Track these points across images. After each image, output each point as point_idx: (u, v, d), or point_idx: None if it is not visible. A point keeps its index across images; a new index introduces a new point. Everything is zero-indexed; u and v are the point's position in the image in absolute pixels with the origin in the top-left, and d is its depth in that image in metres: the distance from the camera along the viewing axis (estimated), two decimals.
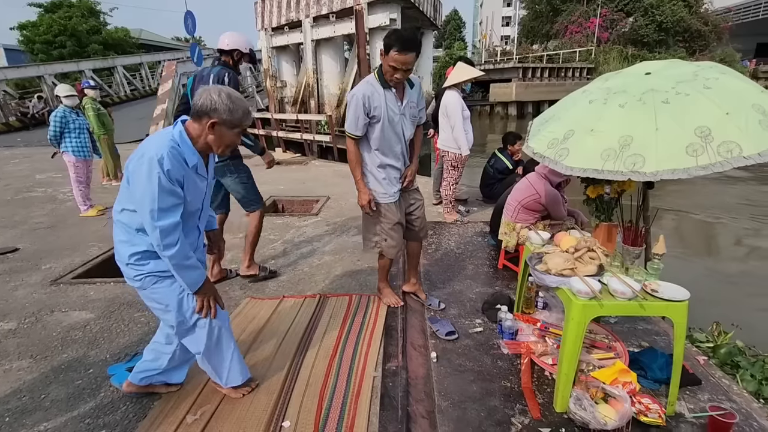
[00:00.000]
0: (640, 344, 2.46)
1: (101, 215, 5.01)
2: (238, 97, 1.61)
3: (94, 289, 3.13)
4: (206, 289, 1.72)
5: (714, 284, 4.75)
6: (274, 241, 4.08)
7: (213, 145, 1.63)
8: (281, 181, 6.92)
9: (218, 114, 1.55)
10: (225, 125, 1.58)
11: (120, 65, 23.44)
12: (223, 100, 1.55)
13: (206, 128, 1.58)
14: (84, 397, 1.98)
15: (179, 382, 2.02)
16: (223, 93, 1.57)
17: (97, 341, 2.46)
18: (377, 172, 2.45)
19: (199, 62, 13.07)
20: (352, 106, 2.31)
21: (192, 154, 1.60)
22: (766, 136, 1.66)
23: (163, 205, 1.52)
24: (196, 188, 1.67)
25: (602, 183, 2.49)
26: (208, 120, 1.56)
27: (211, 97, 1.55)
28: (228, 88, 1.64)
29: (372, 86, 2.32)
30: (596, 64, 24.34)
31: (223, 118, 1.56)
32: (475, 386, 2.13)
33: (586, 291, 1.79)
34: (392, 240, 2.52)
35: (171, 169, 1.51)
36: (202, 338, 1.78)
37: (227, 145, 1.65)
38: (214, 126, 1.57)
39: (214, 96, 1.55)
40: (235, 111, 1.57)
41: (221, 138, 1.61)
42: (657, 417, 1.83)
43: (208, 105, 1.55)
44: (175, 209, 1.56)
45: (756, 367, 2.53)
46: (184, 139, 1.59)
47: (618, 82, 2.13)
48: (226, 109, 1.56)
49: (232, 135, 1.63)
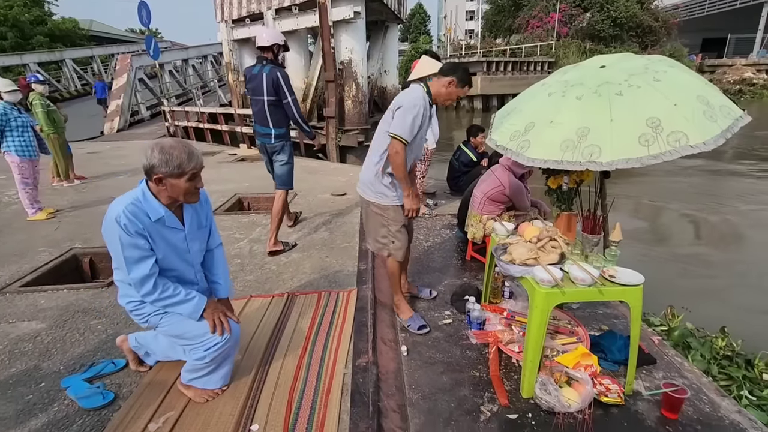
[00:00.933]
0: (600, 328, 2.56)
1: (51, 218, 4.71)
2: (171, 145, 1.62)
3: (44, 297, 2.94)
4: (210, 310, 1.83)
5: (666, 268, 5.03)
6: (240, 240, 3.97)
7: (173, 198, 1.68)
8: (246, 178, 6.74)
9: (158, 169, 1.59)
10: (170, 177, 1.61)
11: (69, 58, 22.09)
12: (156, 155, 1.59)
13: (157, 185, 1.64)
14: (35, 413, 1.86)
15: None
16: (155, 148, 1.60)
17: (50, 352, 2.31)
18: (387, 177, 2.47)
19: (155, 55, 12.50)
20: (413, 113, 2.32)
21: (156, 209, 1.67)
22: (710, 126, 1.75)
23: (130, 258, 1.63)
24: (168, 242, 1.73)
25: (562, 173, 2.56)
26: (154, 177, 1.62)
27: (147, 155, 1.61)
28: (164, 140, 1.66)
29: (425, 100, 2.40)
30: (556, 58, 25.08)
31: (163, 171, 1.59)
32: (445, 377, 2.15)
33: (548, 279, 1.84)
34: (399, 242, 2.52)
35: (128, 224, 1.60)
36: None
37: (185, 193, 1.67)
38: (161, 180, 1.62)
39: (148, 154, 1.61)
40: (171, 160, 1.59)
41: (174, 189, 1.65)
42: (616, 397, 1.92)
43: (146, 164, 1.61)
44: (143, 261, 1.65)
45: (705, 347, 2.69)
46: (147, 195, 1.67)
47: (575, 75, 2.19)
48: (162, 162, 1.59)
49: (184, 183, 1.64)
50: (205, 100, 15.85)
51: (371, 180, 2.47)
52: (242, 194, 5.65)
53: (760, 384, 2.39)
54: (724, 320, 2.99)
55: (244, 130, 10.85)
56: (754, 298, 4.22)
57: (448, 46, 30.85)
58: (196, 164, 1.65)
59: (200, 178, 1.71)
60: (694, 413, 1.90)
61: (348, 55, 9.76)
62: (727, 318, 3.11)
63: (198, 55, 21.21)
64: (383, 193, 2.46)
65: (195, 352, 1.82)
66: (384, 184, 2.45)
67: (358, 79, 9.90)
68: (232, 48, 12.49)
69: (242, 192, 5.74)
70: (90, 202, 5.40)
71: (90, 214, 4.83)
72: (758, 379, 2.41)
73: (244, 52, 12.78)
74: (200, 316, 1.81)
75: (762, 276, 4.79)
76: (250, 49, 12.80)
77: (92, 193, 5.89)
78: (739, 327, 3.01)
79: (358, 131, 9.60)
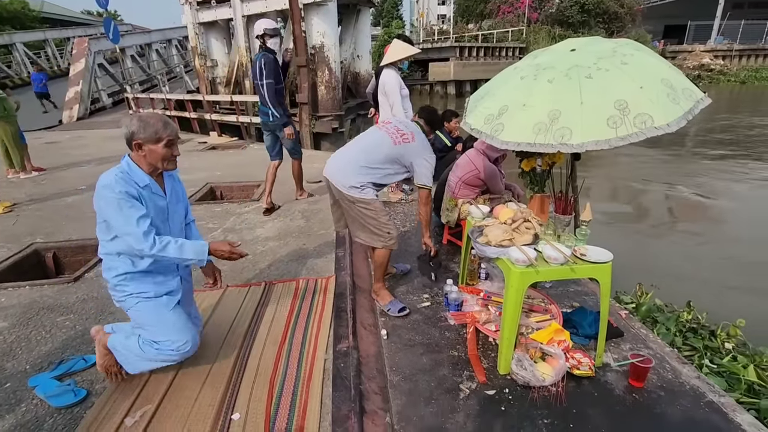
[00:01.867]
0: (572, 305, 2.66)
1: (9, 212, 4.46)
2: (149, 115, 1.84)
3: (5, 294, 2.80)
4: (218, 252, 1.95)
5: (636, 246, 5.26)
6: (214, 230, 3.88)
7: (153, 164, 1.82)
8: (218, 166, 6.56)
9: (137, 135, 1.76)
10: (148, 142, 1.77)
11: (20, 42, 20.68)
12: (134, 123, 1.77)
13: (137, 151, 1.79)
14: (1, 415, 1.79)
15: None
16: (134, 118, 1.79)
17: (14, 352, 2.21)
18: (380, 188, 2.56)
19: (115, 39, 11.86)
20: (432, 155, 2.53)
21: (142, 176, 1.81)
22: (673, 108, 1.82)
23: (132, 216, 1.71)
24: (156, 207, 1.86)
25: (535, 156, 2.62)
26: (134, 143, 1.77)
27: (126, 125, 1.79)
28: (140, 112, 1.81)
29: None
30: (527, 43, 25.37)
31: (141, 136, 1.76)
32: (425, 358, 2.20)
33: (523, 259, 1.89)
34: (393, 231, 2.52)
35: (123, 189, 1.72)
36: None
37: (163, 158, 1.82)
38: (140, 146, 1.78)
39: (128, 123, 1.79)
40: (148, 127, 1.76)
41: (152, 154, 1.80)
42: (588, 369, 2.01)
43: (126, 133, 1.77)
44: (144, 218, 1.75)
45: (671, 321, 2.84)
46: (131, 165, 1.81)
47: (546, 59, 2.22)
48: (140, 128, 1.76)
49: (161, 149, 1.80)
50: (171, 86, 15.21)
51: (360, 181, 2.41)
52: (214, 183, 5.50)
53: (721, 353, 2.55)
54: (691, 296, 3.15)
55: (213, 117, 10.52)
56: (719, 273, 4.48)
57: (420, 31, 30.66)
58: (171, 132, 1.82)
59: (176, 146, 1.87)
60: (658, 381, 2.02)
61: (320, 39, 9.54)
62: (693, 293, 3.28)
63: (162, 39, 20.24)
64: (369, 192, 2.44)
65: (148, 347, 1.87)
66: (373, 189, 2.46)
67: (331, 64, 9.73)
68: (197, 31, 11.99)
69: (214, 181, 5.59)
70: (51, 194, 5.13)
71: (51, 207, 4.59)
72: (720, 348, 2.57)
73: (210, 35, 12.29)
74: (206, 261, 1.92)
75: (726, 251, 5.08)
76: (217, 32, 12.33)
77: (53, 185, 5.60)
78: (704, 301, 3.18)
79: (332, 117, 9.47)
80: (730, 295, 3.90)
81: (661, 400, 1.90)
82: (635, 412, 1.84)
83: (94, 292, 2.77)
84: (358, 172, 2.42)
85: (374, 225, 2.45)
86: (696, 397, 1.92)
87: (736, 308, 2.89)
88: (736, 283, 4.19)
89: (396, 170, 2.52)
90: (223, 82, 12.39)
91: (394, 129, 2.51)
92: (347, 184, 2.42)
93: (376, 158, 2.45)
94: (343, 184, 2.43)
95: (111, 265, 1.86)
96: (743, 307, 2.95)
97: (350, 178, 2.42)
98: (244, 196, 5.27)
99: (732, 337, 2.67)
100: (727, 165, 9.27)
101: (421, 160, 2.47)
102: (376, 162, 2.45)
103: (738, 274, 4.41)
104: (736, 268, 4.57)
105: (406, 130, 2.51)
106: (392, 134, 2.48)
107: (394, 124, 2.57)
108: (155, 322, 1.86)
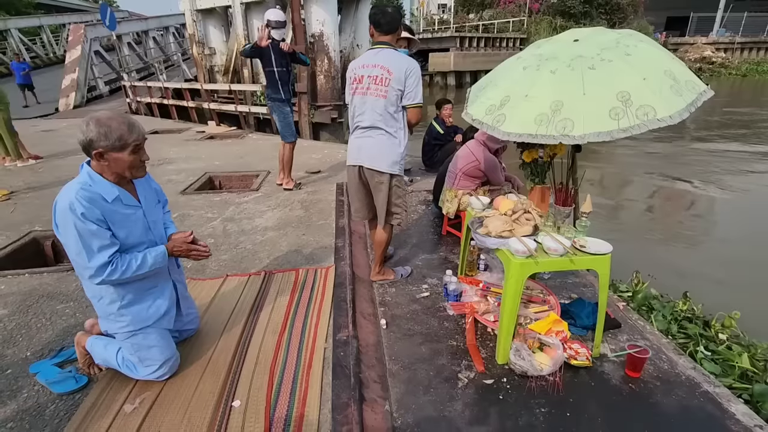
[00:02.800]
0: (570, 296, 2.68)
1: (6, 200, 4.44)
2: (109, 117, 1.54)
3: (4, 282, 2.80)
4: (175, 251, 1.81)
5: (634, 238, 5.27)
6: (213, 219, 3.88)
7: (119, 173, 1.60)
8: (217, 156, 6.53)
9: (97, 143, 1.51)
10: (112, 151, 1.53)
11: (14, 28, 20.39)
12: (92, 128, 1.50)
13: (98, 161, 1.55)
14: (3, 400, 1.80)
15: None
16: (91, 122, 1.51)
17: (14, 339, 2.22)
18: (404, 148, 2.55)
19: (112, 26, 11.72)
20: (419, 78, 2.40)
21: (109, 189, 1.59)
22: (676, 100, 1.81)
23: (89, 248, 1.53)
24: (128, 220, 1.66)
25: (537, 147, 2.61)
26: (94, 153, 1.53)
27: (82, 130, 1.51)
28: (99, 113, 1.56)
29: None
30: (528, 34, 25.12)
31: (103, 145, 1.51)
32: (423, 348, 2.21)
33: (523, 250, 1.90)
34: (407, 211, 2.73)
35: (85, 212, 1.50)
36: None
37: (130, 167, 1.60)
38: (102, 155, 1.53)
39: (83, 128, 1.51)
40: (110, 133, 1.51)
41: (117, 163, 1.57)
42: (585, 359, 2.03)
43: (83, 140, 1.51)
44: (103, 250, 1.56)
45: (667, 309, 2.86)
46: (95, 177, 1.57)
47: (549, 49, 2.20)
48: (101, 135, 1.50)
49: (127, 156, 1.57)
50: (168, 74, 15.04)
51: (391, 153, 2.47)
52: (213, 173, 5.48)
53: (715, 342, 2.58)
54: (687, 288, 3.16)
55: (211, 106, 10.44)
56: (717, 267, 4.48)
57: (421, 20, 30.31)
58: (138, 135, 1.58)
59: (144, 150, 1.64)
60: (654, 371, 2.04)
61: (319, 27, 9.43)
62: (690, 285, 3.29)
63: (159, 26, 19.99)
64: (400, 163, 2.54)
65: (126, 367, 1.85)
66: (401, 155, 2.52)
67: (330, 54, 9.63)
68: (195, 19, 11.83)
69: (213, 170, 5.57)
70: (48, 182, 5.10)
71: (49, 195, 4.57)
72: (714, 338, 2.60)
73: (208, 23, 12.13)
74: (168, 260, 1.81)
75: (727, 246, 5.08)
76: (215, 19, 12.17)
77: (50, 174, 5.57)
78: (701, 294, 3.19)
79: (331, 107, 9.40)
80: (727, 289, 3.91)
81: (657, 390, 1.92)
82: (631, 401, 1.87)
83: None
84: (392, 145, 2.47)
85: (391, 202, 2.59)
86: (691, 387, 1.95)
87: (732, 302, 2.90)
88: (734, 278, 4.21)
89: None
90: (221, 70, 12.26)
91: (374, 86, 2.39)
92: (382, 160, 2.48)
93: (390, 117, 2.43)
94: (376, 163, 2.49)
95: (97, 292, 1.70)
96: (739, 302, 2.96)
97: (383, 151, 2.48)
98: (243, 185, 5.25)
99: (726, 328, 2.70)
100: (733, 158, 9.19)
101: (415, 81, 2.38)
102: (393, 121, 2.44)
103: (736, 269, 4.42)
104: (735, 263, 4.58)
105: (380, 73, 2.36)
106: (378, 93, 2.40)
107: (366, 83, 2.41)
108: (142, 353, 1.80)
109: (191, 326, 2.15)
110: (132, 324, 1.76)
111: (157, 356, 1.83)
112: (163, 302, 1.86)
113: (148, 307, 1.80)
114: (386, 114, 2.41)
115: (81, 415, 1.69)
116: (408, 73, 2.35)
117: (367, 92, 2.41)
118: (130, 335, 1.78)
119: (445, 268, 2.75)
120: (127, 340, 1.79)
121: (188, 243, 1.85)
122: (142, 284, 1.78)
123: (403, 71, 2.34)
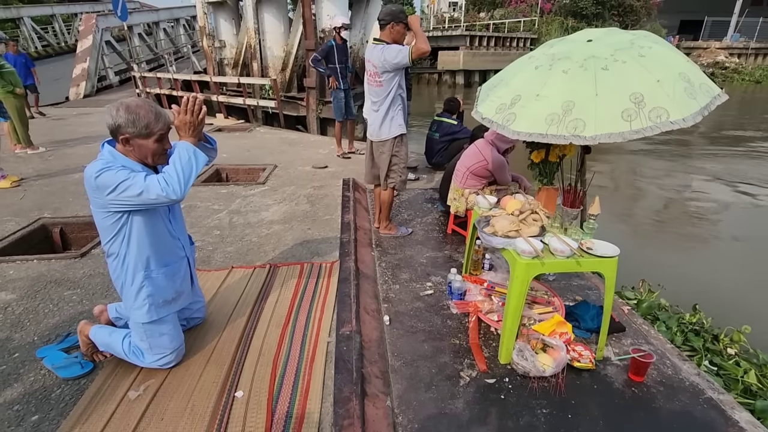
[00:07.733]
0: (574, 298, 2.67)
1: (16, 186, 4.48)
2: (138, 104, 1.57)
3: (13, 267, 2.83)
4: (183, 127, 1.66)
5: (645, 243, 5.16)
6: (219, 212, 3.89)
7: (142, 159, 1.64)
8: (224, 148, 6.51)
9: (124, 129, 1.55)
10: (138, 137, 1.58)
11: (27, 16, 20.51)
12: (122, 114, 1.54)
13: (124, 145, 1.59)
14: (10, 383, 1.82)
15: None
16: (121, 108, 1.55)
17: (22, 323, 2.25)
18: (399, 112, 3.12)
19: (123, 16, 11.77)
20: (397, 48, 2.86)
21: (131, 164, 1.61)
22: (689, 103, 1.79)
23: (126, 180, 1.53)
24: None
25: (545, 147, 2.59)
26: (120, 137, 1.57)
27: (111, 115, 1.55)
28: (129, 100, 1.58)
29: None
30: (539, 34, 24.93)
31: (130, 131, 1.56)
32: (426, 345, 2.21)
33: (529, 251, 1.89)
34: (404, 175, 3.26)
35: (112, 166, 1.55)
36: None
37: (153, 154, 1.63)
38: (128, 141, 1.58)
39: (113, 113, 1.55)
40: (138, 121, 1.55)
41: (142, 149, 1.61)
42: (588, 362, 2.02)
43: (111, 124, 1.56)
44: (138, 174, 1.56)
45: (673, 320, 2.83)
46: (116, 155, 1.60)
47: (562, 49, 2.18)
48: (129, 122, 1.54)
49: (152, 144, 1.61)
50: (177, 66, 15.08)
51: (390, 126, 3.08)
52: (220, 165, 5.50)
53: (722, 356, 2.55)
54: (699, 300, 3.09)
55: (220, 99, 10.47)
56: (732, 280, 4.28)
57: (431, 18, 30.17)
58: (164, 124, 1.61)
59: (168, 138, 1.67)
60: (658, 376, 2.03)
61: (329, 22, 9.41)
62: (701, 298, 3.19)
63: (170, 17, 20.03)
64: (400, 123, 3.09)
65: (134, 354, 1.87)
66: (399, 115, 3.07)
67: None
68: (206, 11, 11.85)
69: (220, 163, 5.59)
70: (58, 170, 5.15)
71: (59, 182, 4.61)
72: (722, 352, 2.57)
73: (219, 15, 12.14)
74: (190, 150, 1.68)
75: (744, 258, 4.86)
76: (226, 12, 12.18)
77: (60, 161, 5.61)
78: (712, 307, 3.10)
79: None
80: (741, 303, 3.75)
81: (660, 395, 1.91)
82: (634, 405, 1.86)
83: (101, 268, 2.80)
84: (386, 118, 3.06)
85: (388, 165, 3.18)
86: (695, 393, 1.94)
87: (744, 317, 2.84)
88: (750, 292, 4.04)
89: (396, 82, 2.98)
90: (230, 63, 12.28)
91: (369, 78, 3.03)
92: (380, 130, 3.11)
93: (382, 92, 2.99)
94: (377, 133, 3.14)
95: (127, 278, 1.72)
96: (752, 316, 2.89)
97: (380, 123, 3.08)
98: (249, 178, 5.27)
99: (735, 342, 2.66)
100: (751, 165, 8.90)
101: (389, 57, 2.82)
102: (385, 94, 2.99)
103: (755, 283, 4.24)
104: (754, 276, 4.41)
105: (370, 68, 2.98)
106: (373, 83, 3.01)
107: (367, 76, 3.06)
108: (153, 339, 1.82)
109: (199, 315, 2.17)
110: (154, 305, 1.77)
111: (167, 344, 1.85)
112: (180, 279, 1.89)
113: (167, 279, 1.81)
114: (382, 98, 3.01)
115: (86, 400, 1.71)
116: (385, 55, 2.82)
117: (369, 82, 3.06)
118: (148, 322, 1.78)
119: (449, 266, 2.75)
120: (141, 326, 1.79)
121: (185, 114, 1.65)
122: (159, 259, 1.77)
123: (381, 60, 2.85)
